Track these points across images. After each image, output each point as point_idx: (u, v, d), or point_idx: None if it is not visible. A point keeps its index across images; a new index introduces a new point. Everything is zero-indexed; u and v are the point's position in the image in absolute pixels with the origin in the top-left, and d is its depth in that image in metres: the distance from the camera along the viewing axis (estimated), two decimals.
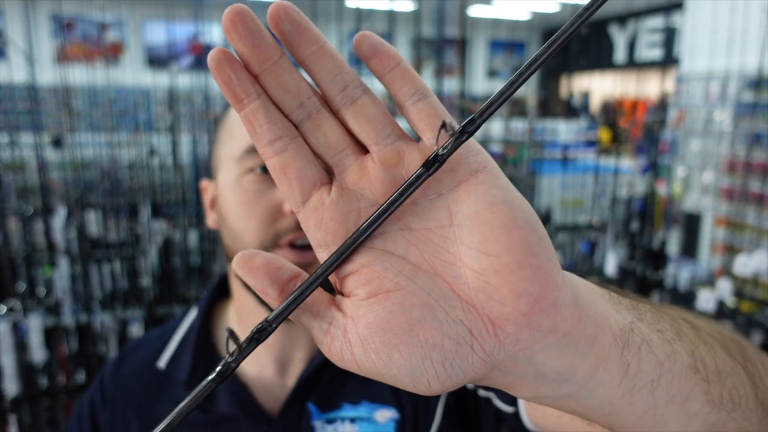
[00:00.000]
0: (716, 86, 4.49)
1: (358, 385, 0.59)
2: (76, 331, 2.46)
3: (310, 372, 0.59)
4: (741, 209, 2.59)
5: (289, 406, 0.59)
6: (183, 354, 0.62)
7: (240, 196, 0.55)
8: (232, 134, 0.58)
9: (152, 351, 0.65)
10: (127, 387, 0.63)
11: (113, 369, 0.65)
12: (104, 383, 0.65)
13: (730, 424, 0.31)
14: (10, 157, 2.89)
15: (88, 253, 2.60)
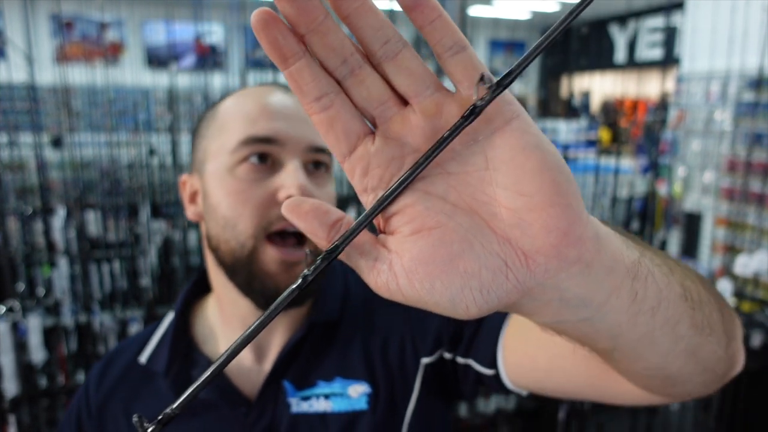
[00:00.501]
0: (717, 86, 4.48)
1: (331, 363, 0.61)
2: (75, 332, 2.46)
3: (286, 352, 0.61)
4: (741, 209, 2.59)
5: (266, 388, 0.61)
6: (162, 349, 0.64)
7: (234, 185, 0.56)
8: (224, 127, 0.59)
9: (135, 350, 0.67)
10: (113, 391, 0.65)
11: (97, 379, 0.67)
12: (89, 394, 0.66)
13: (706, 347, 0.36)
14: (9, 157, 2.88)
15: (88, 253, 2.60)
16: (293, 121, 0.58)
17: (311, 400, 0.60)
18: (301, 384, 0.61)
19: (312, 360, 0.62)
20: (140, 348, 0.67)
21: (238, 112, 0.59)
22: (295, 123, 0.58)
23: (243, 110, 0.59)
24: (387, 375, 0.61)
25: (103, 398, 0.65)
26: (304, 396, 0.60)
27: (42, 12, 8.18)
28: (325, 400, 0.60)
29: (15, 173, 3.07)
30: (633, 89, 5.65)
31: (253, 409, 0.60)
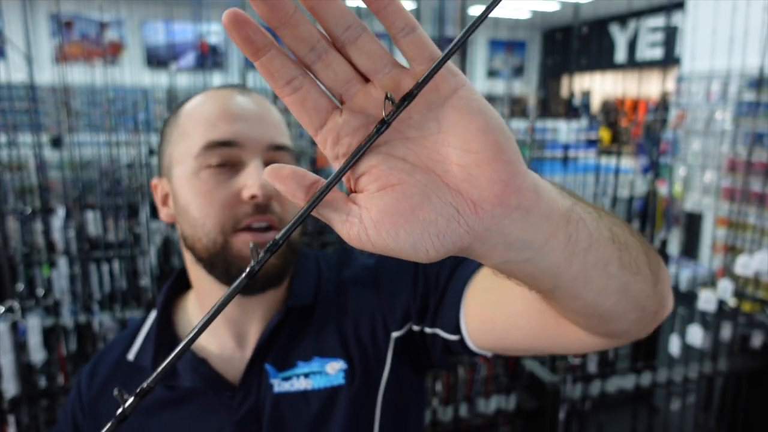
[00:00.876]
0: (717, 86, 4.47)
1: (309, 344, 0.66)
2: (75, 332, 2.45)
3: (265, 337, 0.65)
4: (742, 209, 2.58)
5: (249, 372, 0.64)
6: (148, 344, 0.68)
7: (199, 187, 0.60)
8: (186, 133, 0.62)
9: (122, 349, 0.70)
10: (104, 388, 0.68)
11: (88, 379, 0.69)
12: (81, 393, 0.69)
13: (635, 285, 0.41)
14: (8, 157, 2.88)
15: (87, 253, 2.59)
16: (252, 122, 0.61)
17: (292, 380, 0.64)
18: (281, 365, 0.65)
19: (290, 342, 0.66)
20: (127, 346, 0.70)
21: (199, 117, 0.62)
22: (254, 124, 0.61)
23: (203, 115, 0.61)
24: (361, 351, 0.66)
25: (95, 396, 0.68)
26: (285, 377, 0.64)
27: (41, 11, 8.18)
28: (305, 379, 0.64)
29: (13, 173, 3.06)
30: (633, 89, 5.65)
31: (237, 393, 0.64)
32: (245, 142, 0.60)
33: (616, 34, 9.36)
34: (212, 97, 0.63)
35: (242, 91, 0.65)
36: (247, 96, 0.64)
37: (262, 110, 0.63)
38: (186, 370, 0.64)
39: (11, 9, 4.03)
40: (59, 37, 1.74)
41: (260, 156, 0.60)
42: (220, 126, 0.60)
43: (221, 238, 0.59)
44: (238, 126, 0.60)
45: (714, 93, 4.53)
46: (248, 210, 0.59)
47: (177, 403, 0.64)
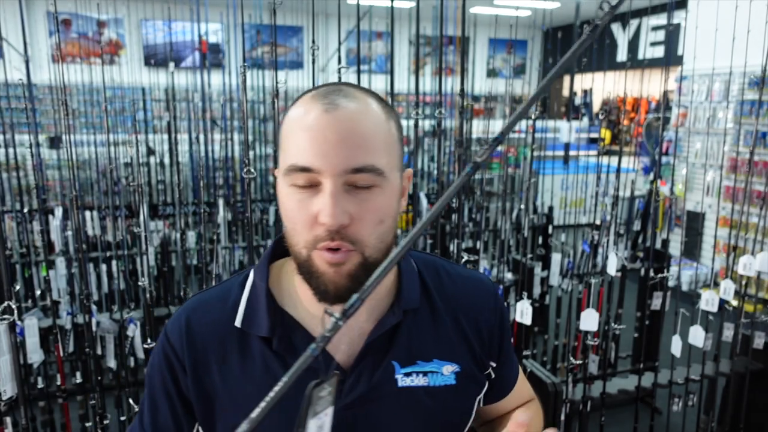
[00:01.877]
0: (719, 85, 4.46)
1: (429, 345, 0.74)
2: (72, 332, 2.44)
3: (378, 336, 0.71)
4: (744, 209, 2.56)
5: (361, 361, 0.70)
6: (255, 314, 0.71)
7: (288, 203, 0.65)
8: (282, 147, 0.66)
9: (224, 312, 0.73)
10: (206, 351, 0.71)
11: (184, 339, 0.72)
12: (177, 354, 0.72)
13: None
14: (5, 157, 2.86)
15: (85, 254, 2.57)
16: (331, 145, 0.62)
17: (412, 376, 0.72)
18: (404, 363, 0.72)
19: (409, 342, 0.73)
20: (229, 311, 0.72)
21: (290, 135, 0.64)
22: (332, 147, 0.62)
23: (293, 134, 0.64)
24: (472, 360, 0.77)
25: (195, 357, 0.71)
26: (406, 372, 0.72)
27: (39, 9, 8.17)
28: (423, 377, 0.72)
29: (9, 173, 3.04)
30: (635, 88, 5.63)
31: (349, 378, 0.69)
32: (323, 169, 0.61)
33: (617, 33, 9.34)
34: (304, 112, 0.64)
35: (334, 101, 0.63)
36: (334, 111, 0.63)
37: (345, 130, 0.62)
38: (304, 347, 0.67)
39: (8, 7, 4.01)
40: (57, 35, 1.73)
41: (337, 179, 0.62)
42: (301, 149, 0.62)
43: (305, 252, 0.64)
44: (317, 150, 0.61)
45: (716, 92, 4.51)
46: (323, 234, 0.62)
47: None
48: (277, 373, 0.68)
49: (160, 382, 0.73)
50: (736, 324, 2.38)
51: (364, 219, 0.62)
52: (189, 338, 0.72)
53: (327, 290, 0.63)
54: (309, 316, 0.71)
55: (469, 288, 0.80)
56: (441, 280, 0.79)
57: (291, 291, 0.73)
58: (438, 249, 2.15)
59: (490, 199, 4.46)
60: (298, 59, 9.83)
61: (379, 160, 0.63)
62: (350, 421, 0.69)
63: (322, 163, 0.61)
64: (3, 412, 1.72)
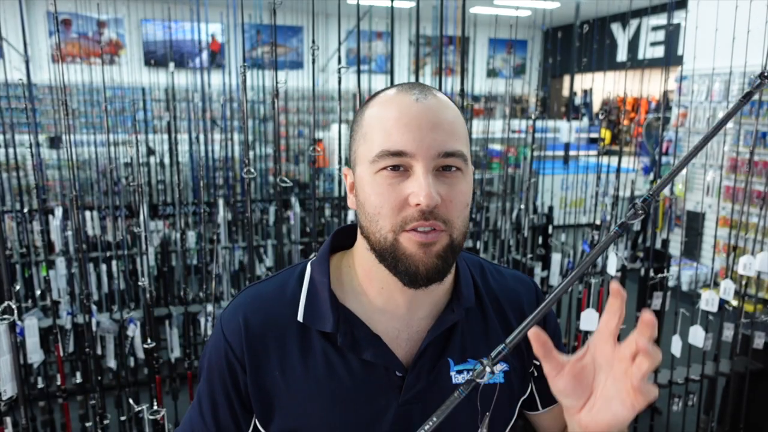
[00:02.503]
0: (719, 85, 4.46)
1: (481, 344, 0.76)
2: (72, 332, 2.44)
3: (438, 334, 0.73)
4: (744, 209, 2.56)
5: (421, 357, 0.72)
6: (318, 309, 0.72)
7: (375, 188, 0.66)
8: (367, 137, 0.69)
9: (284, 306, 0.73)
10: (265, 343, 0.72)
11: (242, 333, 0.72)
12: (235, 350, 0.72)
13: None
14: (5, 157, 2.86)
15: (85, 254, 2.57)
16: (423, 131, 0.65)
17: (464, 374, 0.74)
18: (457, 360, 0.74)
19: (464, 340, 0.75)
20: (289, 306, 0.73)
21: (378, 123, 0.67)
22: (425, 133, 0.65)
23: (381, 122, 0.67)
24: (519, 360, 0.79)
25: (255, 356, 0.72)
26: (458, 369, 0.74)
27: (39, 9, 8.16)
28: None
29: (10, 173, 3.04)
30: (635, 88, 5.63)
31: (410, 374, 0.71)
32: (415, 152, 0.65)
33: (617, 33, 9.34)
34: (392, 102, 0.68)
35: (422, 92, 0.68)
36: (424, 100, 0.67)
37: (436, 117, 0.66)
38: (367, 345, 0.70)
39: (8, 7, 4.01)
40: (57, 35, 1.73)
41: (429, 163, 0.65)
42: (394, 135, 0.65)
43: (391, 236, 0.66)
44: (409, 135, 0.65)
45: (716, 92, 4.51)
46: (415, 214, 0.64)
47: (349, 372, 0.70)
48: (340, 370, 0.70)
49: (219, 381, 0.73)
50: (736, 324, 2.38)
51: (454, 201, 0.66)
52: (248, 337, 0.72)
53: (417, 271, 0.65)
54: (372, 310, 0.72)
55: (512, 285, 0.82)
56: (487, 279, 0.81)
57: (353, 285, 0.74)
58: None
59: (490, 199, 4.46)
60: (298, 59, 9.83)
61: (464, 147, 0.68)
62: (409, 415, 0.71)
63: (415, 147, 0.65)
64: (3, 412, 1.72)
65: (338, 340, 0.70)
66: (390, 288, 0.71)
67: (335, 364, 0.70)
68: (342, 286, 0.74)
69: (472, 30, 4.68)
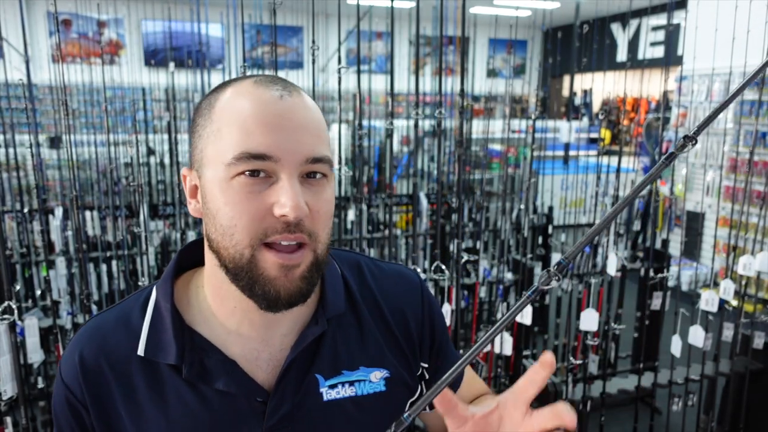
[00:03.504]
0: (719, 85, 4.46)
1: (354, 354, 0.69)
2: (72, 332, 2.44)
3: (301, 350, 0.65)
4: (744, 209, 2.57)
5: (283, 378, 0.64)
6: (160, 339, 0.63)
7: (231, 196, 0.57)
8: (220, 133, 0.58)
9: (124, 339, 0.64)
10: (105, 380, 0.63)
11: (81, 378, 0.63)
12: (75, 394, 0.64)
13: None
14: (6, 157, 2.86)
15: (85, 254, 2.57)
16: (291, 132, 0.57)
17: (338, 388, 0.67)
18: (328, 374, 0.67)
19: (333, 352, 0.67)
20: (130, 337, 0.64)
21: (235, 119, 0.58)
22: (293, 135, 0.57)
23: (239, 118, 0.57)
24: (402, 362, 0.72)
25: (96, 394, 0.63)
26: (331, 384, 0.67)
27: (39, 9, 8.17)
28: (350, 386, 0.68)
29: (10, 173, 3.04)
30: (635, 88, 5.62)
31: (272, 399, 0.63)
32: (281, 156, 0.57)
33: (617, 33, 9.34)
34: (251, 95, 0.58)
35: (285, 88, 0.60)
36: (289, 98, 0.59)
37: (304, 118, 0.59)
38: (220, 372, 0.62)
39: (8, 7, 4.02)
40: (57, 35, 1.73)
41: (296, 169, 0.58)
42: (256, 135, 0.56)
43: (248, 252, 0.57)
44: (275, 137, 0.57)
45: (716, 92, 4.51)
46: (277, 226, 0.57)
47: (204, 405, 0.62)
48: (192, 404, 0.62)
49: (66, 425, 0.65)
50: (735, 324, 2.38)
51: (320, 211, 0.59)
52: (85, 376, 0.63)
53: (279, 296, 0.58)
54: (225, 333, 0.64)
55: (392, 284, 0.75)
56: (364, 279, 0.73)
57: (203, 307, 0.66)
58: (438, 249, 2.15)
59: (490, 199, 4.46)
60: (298, 59, 9.83)
61: (329, 152, 0.61)
62: None
63: (281, 151, 0.56)
64: (3, 412, 1.72)
65: (183, 372, 0.61)
66: (243, 308, 0.62)
67: (186, 398, 0.62)
68: (190, 309, 0.66)
69: (472, 30, 4.68)
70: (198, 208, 0.63)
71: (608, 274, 2.40)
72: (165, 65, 4.09)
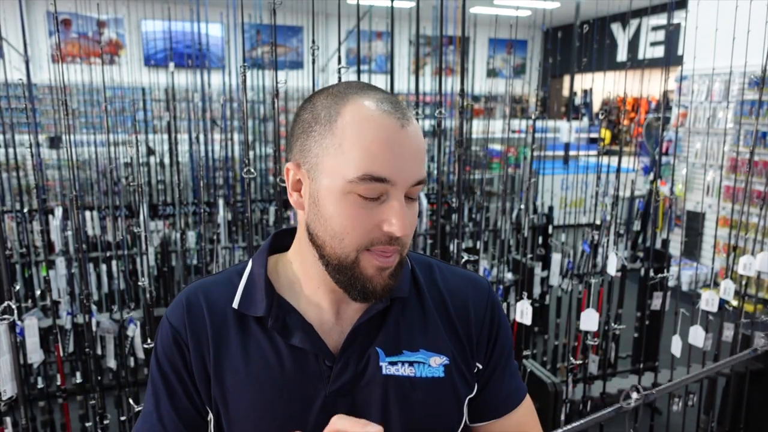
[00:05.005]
0: (719, 85, 4.46)
1: (417, 336, 0.74)
2: (72, 332, 2.44)
3: (367, 319, 0.72)
4: (744, 209, 2.56)
5: (348, 347, 0.72)
6: (252, 297, 0.73)
7: (346, 209, 0.65)
8: (342, 149, 0.64)
9: (223, 295, 0.75)
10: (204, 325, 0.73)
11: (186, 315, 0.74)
12: (180, 334, 0.73)
13: None
14: (5, 157, 2.85)
15: (85, 254, 2.57)
16: (408, 159, 0.65)
17: (397, 366, 0.72)
18: (389, 351, 0.72)
19: (396, 330, 0.74)
20: (228, 294, 0.74)
21: (359, 142, 0.64)
22: (408, 161, 0.65)
23: (364, 142, 0.64)
24: (462, 355, 0.76)
25: (197, 336, 0.73)
26: (391, 361, 0.72)
27: (39, 9, 8.16)
28: (409, 367, 0.73)
29: (10, 173, 3.04)
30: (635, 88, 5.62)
31: (337, 362, 0.71)
32: (398, 181, 0.64)
33: (617, 33, 9.34)
34: (375, 121, 0.64)
35: (404, 116, 0.66)
36: (408, 127, 0.66)
37: (417, 146, 0.67)
38: (298, 330, 0.71)
39: (8, 7, 4.01)
40: (57, 35, 1.72)
41: (404, 191, 0.66)
42: (379, 160, 0.63)
43: (354, 255, 0.66)
44: (395, 163, 0.64)
45: (716, 92, 4.51)
46: (382, 239, 0.65)
47: (279, 359, 0.70)
48: (270, 356, 0.70)
49: (170, 366, 0.73)
50: (736, 324, 2.38)
51: (413, 226, 0.68)
52: (190, 317, 0.73)
53: (375, 292, 0.67)
54: (305, 303, 0.73)
55: (460, 283, 0.80)
56: (433, 276, 0.80)
57: (291, 280, 0.75)
58: (438, 249, 2.15)
59: (490, 199, 4.46)
60: (298, 59, 9.83)
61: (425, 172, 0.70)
62: (338, 407, 0.69)
63: (398, 176, 0.64)
64: (3, 412, 1.72)
65: (269, 323, 0.70)
66: (326, 288, 0.72)
67: (266, 351, 0.71)
68: (279, 279, 0.75)
69: (472, 30, 4.68)
70: (300, 201, 0.71)
71: (608, 274, 2.40)
72: (165, 65, 4.09)
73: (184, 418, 0.73)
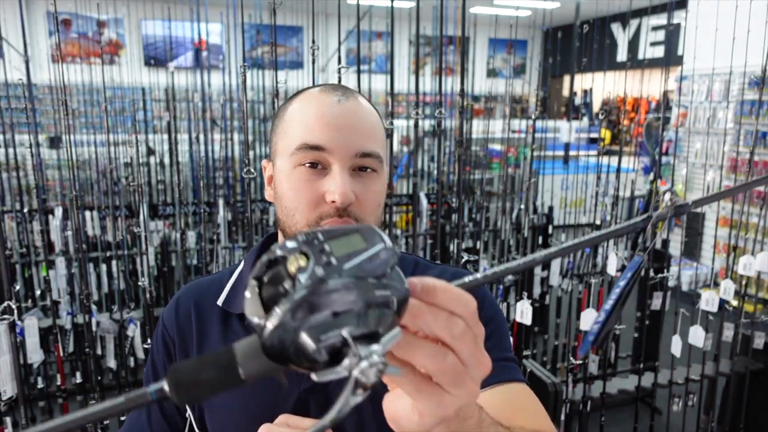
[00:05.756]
0: (719, 85, 4.45)
1: None
2: (72, 332, 2.44)
3: None
4: (744, 209, 2.56)
5: None
6: (237, 294, 0.77)
7: (293, 182, 0.69)
8: (288, 130, 0.71)
9: (211, 293, 0.79)
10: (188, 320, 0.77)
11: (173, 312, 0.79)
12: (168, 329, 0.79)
13: None
14: (5, 157, 2.85)
15: (85, 254, 2.57)
16: (342, 130, 0.68)
17: None
18: None
19: None
20: (216, 292, 0.78)
21: (299, 118, 0.70)
22: (344, 132, 0.68)
23: (303, 117, 0.70)
24: None
25: (181, 331, 0.78)
26: None
27: (39, 9, 8.16)
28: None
29: (10, 173, 3.04)
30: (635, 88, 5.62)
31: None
32: (334, 149, 0.67)
33: (617, 32, 9.34)
34: (314, 99, 0.71)
35: (344, 94, 0.71)
36: (346, 102, 0.70)
37: (355, 118, 0.69)
38: None
39: (8, 7, 4.02)
40: (57, 35, 1.73)
41: (347, 162, 0.68)
42: (314, 130, 0.68)
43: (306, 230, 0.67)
44: (329, 133, 0.68)
45: (716, 92, 4.51)
46: (330, 211, 0.67)
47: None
48: None
49: (159, 360, 0.79)
50: (736, 324, 2.38)
51: (367, 200, 0.69)
52: (177, 315, 0.78)
53: None
54: None
55: (443, 273, 0.80)
56: (416, 272, 0.79)
57: None
58: (438, 249, 2.15)
59: (490, 199, 4.46)
60: (298, 59, 9.82)
61: (380, 150, 0.71)
62: (311, 404, 0.71)
63: (334, 144, 0.67)
64: (3, 412, 1.72)
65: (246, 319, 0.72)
66: None
67: None
68: None
69: (472, 30, 4.68)
70: (271, 193, 0.76)
71: (608, 274, 2.40)
72: (165, 65, 4.09)
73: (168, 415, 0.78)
